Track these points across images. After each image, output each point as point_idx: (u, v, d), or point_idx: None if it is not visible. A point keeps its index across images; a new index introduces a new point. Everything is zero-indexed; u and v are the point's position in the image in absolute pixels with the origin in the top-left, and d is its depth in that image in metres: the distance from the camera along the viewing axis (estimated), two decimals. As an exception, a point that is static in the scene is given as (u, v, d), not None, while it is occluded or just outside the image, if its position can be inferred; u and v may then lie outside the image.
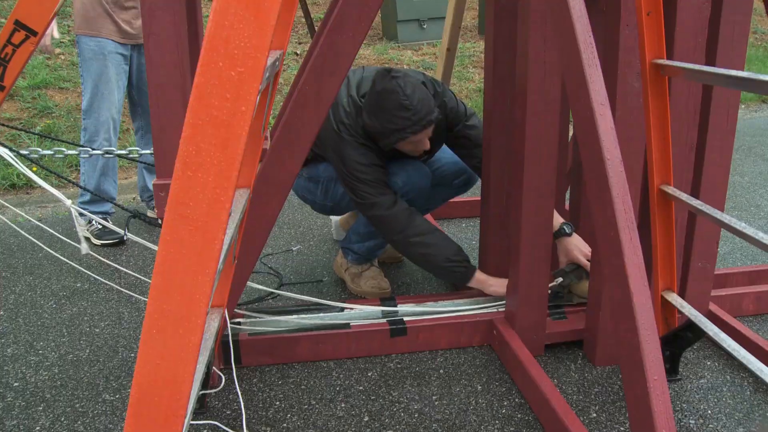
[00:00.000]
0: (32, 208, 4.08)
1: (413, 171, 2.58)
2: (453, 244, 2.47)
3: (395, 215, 2.42)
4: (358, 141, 2.45)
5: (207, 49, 1.03)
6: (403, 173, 2.55)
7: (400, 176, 2.55)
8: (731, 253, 3.21)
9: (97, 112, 3.30)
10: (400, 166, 2.57)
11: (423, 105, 2.34)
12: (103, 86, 3.29)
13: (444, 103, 2.60)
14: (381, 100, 2.34)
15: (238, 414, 2.04)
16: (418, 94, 2.33)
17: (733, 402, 2.08)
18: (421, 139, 2.44)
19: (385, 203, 2.42)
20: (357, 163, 2.43)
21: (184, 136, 1.05)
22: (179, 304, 1.10)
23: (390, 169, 2.55)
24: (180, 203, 1.07)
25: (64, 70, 5.77)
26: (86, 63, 3.30)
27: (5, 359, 2.36)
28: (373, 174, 2.44)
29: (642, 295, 1.46)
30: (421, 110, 2.33)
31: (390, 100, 2.32)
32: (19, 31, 1.90)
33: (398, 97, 2.31)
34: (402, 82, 2.32)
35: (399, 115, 2.32)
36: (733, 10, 2.05)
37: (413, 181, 2.56)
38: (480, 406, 2.08)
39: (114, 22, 3.26)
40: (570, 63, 1.62)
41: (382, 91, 2.34)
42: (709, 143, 2.19)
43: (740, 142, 5.10)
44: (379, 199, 2.42)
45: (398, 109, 2.32)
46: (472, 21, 8.47)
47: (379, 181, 2.45)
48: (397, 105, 2.31)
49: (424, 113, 2.34)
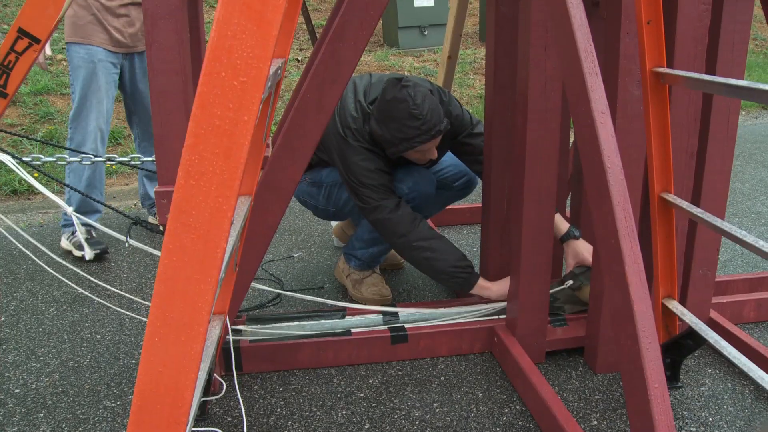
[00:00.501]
0: (34, 214, 4.08)
1: (419, 177, 2.58)
2: (457, 250, 2.48)
3: (399, 218, 2.43)
4: (364, 146, 2.46)
5: (210, 58, 1.04)
6: (410, 179, 2.56)
7: (405, 182, 2.55)
8: (732, 260, 3.22)
9: (84, 121, 3.24)
10: (406, 172, 2.58)
11: (433, 115, 2.35)
12: (92, 95, 3.24)
13: (449, 111, 2.61)
14: (391, 109, 2.35)
15: (239, 421, 2.04)
16: (429, 103, 2.34)
17: (735, 410, 2.08)
18: (429, 148, 2.45)
19: (388, 206, 2.43)
20: (362, 168, 2.44)
21: (186, 144, 1.06)
22: (181, 311, 1.10)
23: (396, 175, 2.56)
24: (182, 212, 1.07)
25: (66, 76, 5.78)
26: (75, 71, 3.24)
27: (6, 365, 2.36)
28: (378, 179, 2.45)
29: (643, 302, 1.46)
30: (430, 120, 2.34)
31: (400, 109, 2.33)
32: (22, 39, 1.91)
33: (408, 106, 2.31)
34: (412, 91, 2.33)
35: (409, 125, 2.33)
36: (733, 18, 2.06)
37: (419, 187, 2.57)
38: (481, 414, 2.08)
39: (105, 29, 3.21)
40: (571, 71, 1.63)
41: (393, 99, 2.34)
42: (710, 150, 2.20)
43: (740, 149, 5.10)
44: (382, 203, 2.43)
45: (408, 118, 2.32)
46: (472, 27, 8.50)
47: (383, 186, 2.46)
48: (407, 114, 2.32)
49: (434, 123, 2.35)
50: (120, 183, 4.79)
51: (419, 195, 2.57)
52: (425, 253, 2.45)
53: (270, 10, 1.04)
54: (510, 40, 2.28)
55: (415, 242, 2.44)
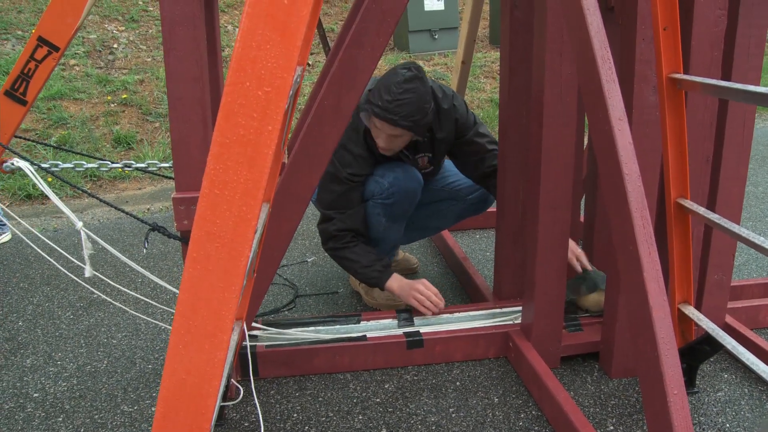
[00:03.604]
0: (48, 219, 4.11)
1: (402, 173, 2.58)
2: (371, 254, 2.55)
3: (322, 232, 2.58)
4: (352, 139, 2.52)
5: (234, 69, 1.05)
6: (391, 174, 2.56)
7: (387, 177, 2.56)
8: (746, 265, 3.21)
9: None
10: (390, 168, 2.59)
11: (403, 107, 2.33)
12: None
13: (453, 118, 2.64)
14: (387, 76, 2.39)
15: (257, 426, 2.05)
16: (410, 98, 2.33)
17: (752, 416, 2.07)
18: (381, 130, 2.43)
19: (329, 217, 2.55)
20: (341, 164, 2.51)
21: (211, 154, 1.07)
22: (205, 320, 1.11)
23: (380, 171, 2.58)
24: (207, 220, 1.08)
25: (79, 81, 5.82)
26: None
27: (25, 370, 2.38)
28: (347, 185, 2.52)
29: (661, 309, 1.46)
30: (397, 107, 2.33)
31: (390, 77, 2.37)
32: (42, 47, 1.93)
33: (395, 80, 2.35)
34: (410, 76, 2.35)
35: (381, 93, 2.36)
36: (749, 24, 2.05)
37: (400, 182, 2.56)
38: (497, 419, 2.08)
39: None
40: (588, 78, 1.63)
41: (393, 71, 2.40)
42: (725, 156, 2.19)
43: (754, 152, 5.08)
44: (327, 212, 2.55)
45: (385, 87, 2.35)
46: (483, 31, 8.49)
47: (344, 197, 2.53)
48: (387, 84, 2.35)
49: (397, 111, 2.34)
50: (132, 188, 4.82)
51: (400, 190, 2.55)
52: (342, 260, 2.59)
53: (294, 20, 1.05)
54: (525, 45, 2.28)
55: (335, 252, 2.59)
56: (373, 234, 2.62)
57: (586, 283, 2.48)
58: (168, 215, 4.22)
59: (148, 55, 6.56)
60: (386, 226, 2.60)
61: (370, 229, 2.61)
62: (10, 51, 6.04)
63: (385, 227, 2.60)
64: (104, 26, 6.82)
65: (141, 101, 5.70)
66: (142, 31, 6.94)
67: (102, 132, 5.30)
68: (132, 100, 5.70)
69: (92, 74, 5.97)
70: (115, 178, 4.86)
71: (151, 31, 6.95)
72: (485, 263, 3.30)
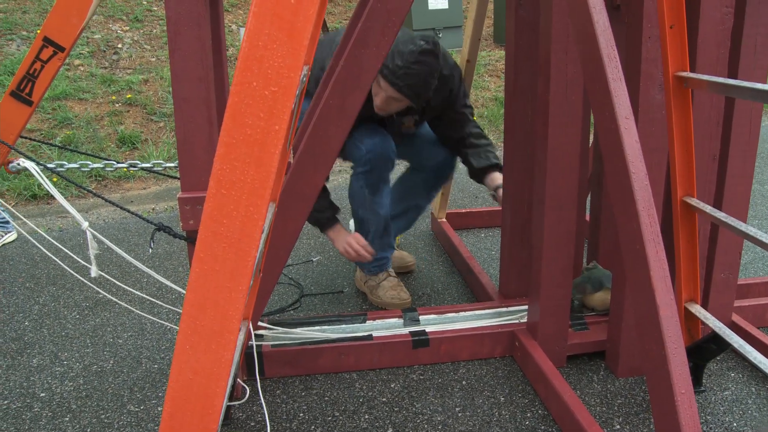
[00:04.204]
0: (53, 219, 4.12)
1: (380, 141, 2.62)
2: (324, 200, 2.64)
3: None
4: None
5: (241, 68, 1.05)
6: (370, 141, 2.60)
7: (366, 144, 2.59)
8: (752, 263, 3.20)
9: None
10: (369, 134, 2.62)
11: (411, 78, 2.39)
12: None
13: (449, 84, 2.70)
14: (405, 41, 2.41)
15: (263, 426, 2.05)
16: (420, 71, 2.39)
17: (759, 414, 2.06)
18: (384, 90, 2.47)
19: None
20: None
21: (218, 154, 1.07)
22: (212, 319, 1.11)
23: (357, 135, 2.60)
24: (214, 220, 1.08)
25: (84, 81, 5.83)
26: None
27: (31, 370, 2.39)
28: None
29: (668, 308, 1.46)
30: (407, 76, 2.38)
31: (407, 44, 2.39)
32: (47, 48, 1.94)
33: (410, 49, 2.37)
34: (426, 49, 2.38)
35: (396, 59, 2.38)
36: (756, 21, 2.05)
37: (377, 148, 2.60)
38: (503, 418, 2.08)
39: None
40: (594, 77, 1.63)
41: (412, 38, 2.41)
42: (732, 154, 2.19)
43: (760, 150, 5.07)
44: None
45: (399, 53, 2.38)
46: (486, 30, 8.48)
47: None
48: (402, 51, 2.38)
49: (406, 81, 2.39)
50: (137, 187, 4.83)
51: (375, 156, 2.60)
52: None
53: (300, 20, 1.05)
54: (530, 44, 2.28)
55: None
56: (362, 213, 2.71)
57: (591, 281, 2.48)
58: (173, 215, 4.22)
59: (152, 54, 6.57)
60: (370, 200, 2.67)
61: (358, 208, 2.71)
62: (15, 51, 6.05)
63: (370, 201, 2.67)
64: (108, 26, 6.83)
65: (145, 101, 5.70)
66: (146, 30, 6.95)
67: (107, 132, 5.31)
68: (136, 99, 5.70)
69: (97, 74, 5.98)
70: (120, 178, 4.87)
71: (155, 30, 6.96)
72: (491, 262, 3.29)
